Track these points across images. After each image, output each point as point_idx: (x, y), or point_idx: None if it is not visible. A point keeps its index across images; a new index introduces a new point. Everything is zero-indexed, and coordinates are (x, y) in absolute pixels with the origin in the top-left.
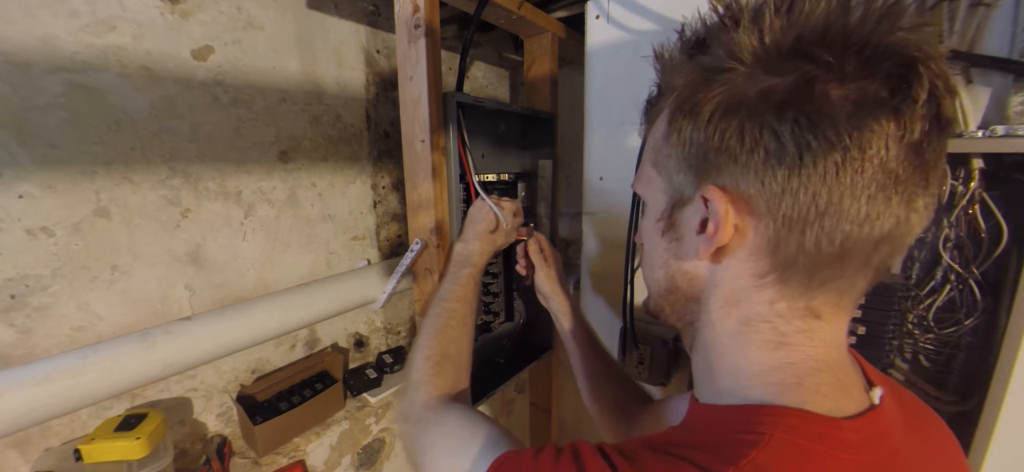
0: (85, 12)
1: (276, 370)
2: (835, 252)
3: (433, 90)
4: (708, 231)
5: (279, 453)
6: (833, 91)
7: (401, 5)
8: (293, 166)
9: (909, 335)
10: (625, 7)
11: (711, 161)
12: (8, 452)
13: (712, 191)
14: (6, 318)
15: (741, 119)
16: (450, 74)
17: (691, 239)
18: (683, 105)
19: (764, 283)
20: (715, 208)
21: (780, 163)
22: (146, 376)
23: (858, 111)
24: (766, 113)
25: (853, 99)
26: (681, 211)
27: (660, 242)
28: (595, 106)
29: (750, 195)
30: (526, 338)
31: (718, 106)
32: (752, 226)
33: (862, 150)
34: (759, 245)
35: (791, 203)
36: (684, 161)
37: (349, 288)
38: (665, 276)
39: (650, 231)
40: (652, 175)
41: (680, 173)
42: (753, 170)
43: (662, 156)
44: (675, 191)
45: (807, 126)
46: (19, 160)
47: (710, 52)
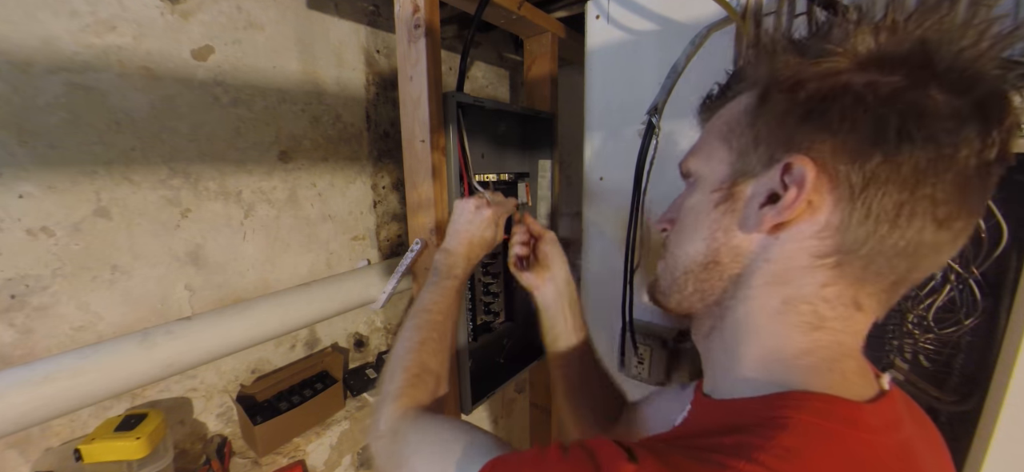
0: (85, 12)
1: (276, 370)
2: (901, 246)
3: (433, 90)
4: (784, 199)
5: (279, 453)
6: (937, 95)
7: (401, 5)
8: (293, 166)
9: (909, 335)
10: (625, 7)
11: (804, 133)
12: (8, 452)
13: (799, 158)
14: (6, 318)
15: (846, 101)
16: (450, 74)
17: (754, 211)
18: (783, 81)
19: (821, 265)
20: (801, 173)
21: (877, 146)
22: (146, 376)
23: (953, 119)
24: (873, 100)
25: (951, 108)
26: (745, 183)
27: (710, 213)
28: (595, 106)
29: (838, 171)
30: (526, 338)
31: (823, 85)
32: (829, 204)
33: (954, 151)
34: (830, 223)
35: (877, 188)
36: (771, 134)
37: (349, 288)
38: (707, 249)
39: (699, 202)
40: (717, 148)
41: (759, 146)
42: (849, 146)
43: (739, 129)
44: (743, 164)
45: (911, 118)
46: (19, 160)
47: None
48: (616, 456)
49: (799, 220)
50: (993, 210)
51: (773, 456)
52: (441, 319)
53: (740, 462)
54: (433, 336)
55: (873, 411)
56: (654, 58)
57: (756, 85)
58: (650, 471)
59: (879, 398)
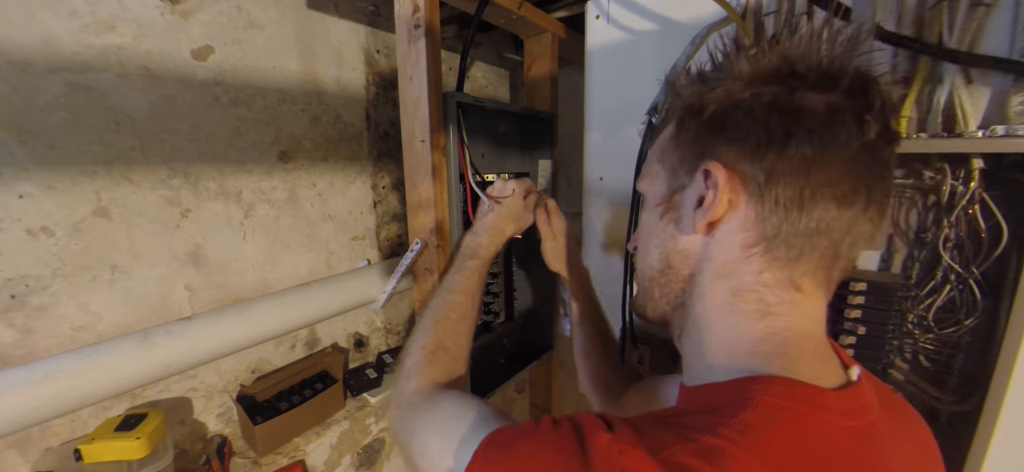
0: (85, 12)
1: (276, 370)
2: (812, 227)
3: (433, 90)
4: (706, 200)
5: (279, 453)
6: (809, 97)
7: (401, 5)
8: (293, 166)
9: (909, 335)
10: (625, 7)
11: (712, 145)
12: (8, 452)
13: (712, 164)
14: (6, 318)
15: (738, 114)
16: (450, 74)
17: (688, 216)
18: (691, 108)
19: (752, 253)
20: (714, 178)
21: (769, 145)
22: (146, 376)
23: (829, 112)
24: (758, 108)
25: (824, 103)
26: (681, 194)
27: (658, 225)
28: (595, 106)
29: (744, 171)
30: (526, 338)
31: (720, 104)
32: (744, 200)
33: (834, 138)
34: (749, 217)
35: (777, 180)
36: (689, 151)
37: (349, 288)
38: (660, 256)
39: (649, 218)
40: (657, 169)
41: (684, 163)
42: (747, 151)
43: (668, 151)
44: (675, 178)
45: (791, 118)
46: (19, 160)
47: (716, 72)
48: (596, 426)
49: (726, 218)
50: (993, 210)
51: (734, 430)
52: (461, 299)
53: (704, 435)
54: (451, 316)
55: (836, 396)
56: (654, 58)
57: (675, 114)
58: (625, 439)
59: (845, 386)
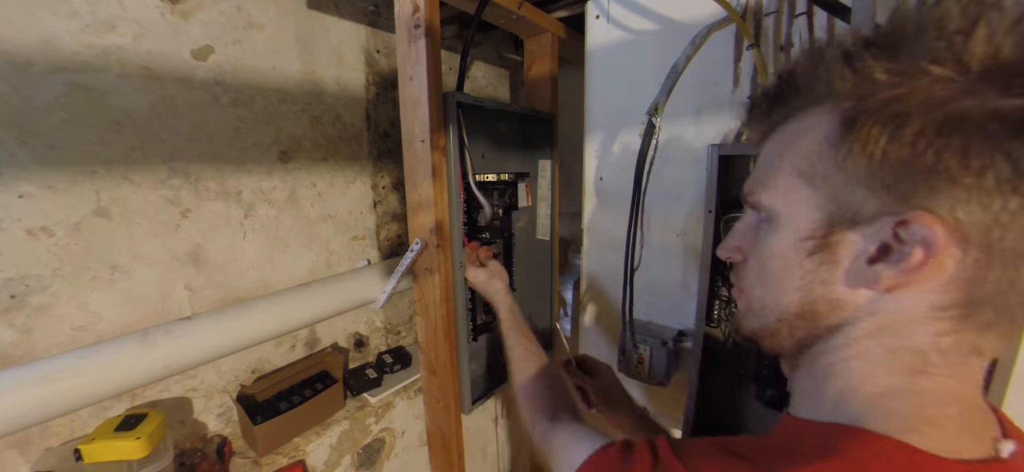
0: (85, 12)
1: (276, 370)
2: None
3: (433, 90)
4: (911, 260)
5: (279, 453)
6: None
7: (401, 5)
8: (293, 166)
9: None
10: (625, 7)
11: (920, 181)
12: (8, 452)
13: (923, 216)
14: (6, 318)
15: (966, 138)
16: (450, 74)
17: (858, 266)
18: (876, 111)
19: (942, 316)
20: (925, 235)
21: (1015, 190)
22: (146, 376)
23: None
24: (1000, 134)
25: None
26: (845, 232)
27: (803, 263)
28: (595, 106)
29: (965, 223)
30: None
31: (934, 120)
32: (957, 256)
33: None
34: (955, 277)
35: (1016, 235)
36: (872, 177)
37: (349, 288)
38: (802, 300)
39: (782, 251)
40: (795, 185)
41: (859, 190)
42: (977, 196)
43: (823, 167)
44: (841, 209)
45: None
46: (19, 160)
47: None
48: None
49: (922, 276)
50: None
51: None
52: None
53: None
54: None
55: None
56: (654, 58)
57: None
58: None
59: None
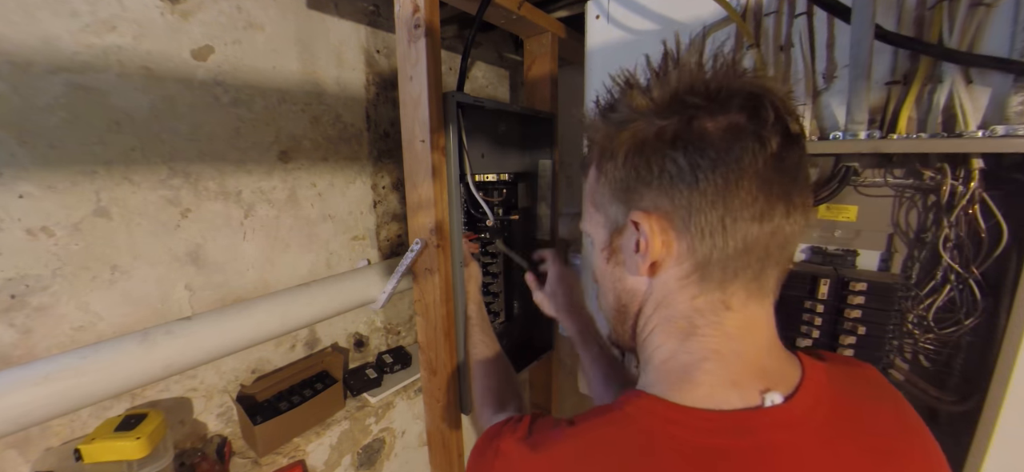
0: (85, 12)
1: (276, 370)
2: (739, 247)
3: (433, 90)
4: (640, 248)
5: (279, 453)
6: (707, 124)
7: (401, 5)
8: (293, 166)
9: (909, 335)
10: (625, 7)
11: (632, 190)
12: (8, 452)
13: (638, 215)
14: (6, 318)
15: (647, 154)
16: (450, 74)
17: (631, 259)
18: (605, 151)
19: (687, 282)
20: (643, 228)
21: (682, 182)
22: (146, 376)
23: (728, 135)
24: (664, 146)
25: (722, 127)
26: (619, 238)
27: (607, 268)
28: None
29: (667, 212)
30: (526, 338)
31: (630, 147)
32: (675, 237)
33: (738, 162)
34: (682, 251)
35: (698, 213)
36: (613, 195)
37: (349, 288)
38: (614, 297)
39: (598, 261)
40: (592, 213)
41: (612, 205)
42: (664, 191)
43: (597, 195)
44: (611, 222)
45: (695, 151)
46: (19, 160)
47: (617, 111)
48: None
49: (665, 258)
50: (993, 210)
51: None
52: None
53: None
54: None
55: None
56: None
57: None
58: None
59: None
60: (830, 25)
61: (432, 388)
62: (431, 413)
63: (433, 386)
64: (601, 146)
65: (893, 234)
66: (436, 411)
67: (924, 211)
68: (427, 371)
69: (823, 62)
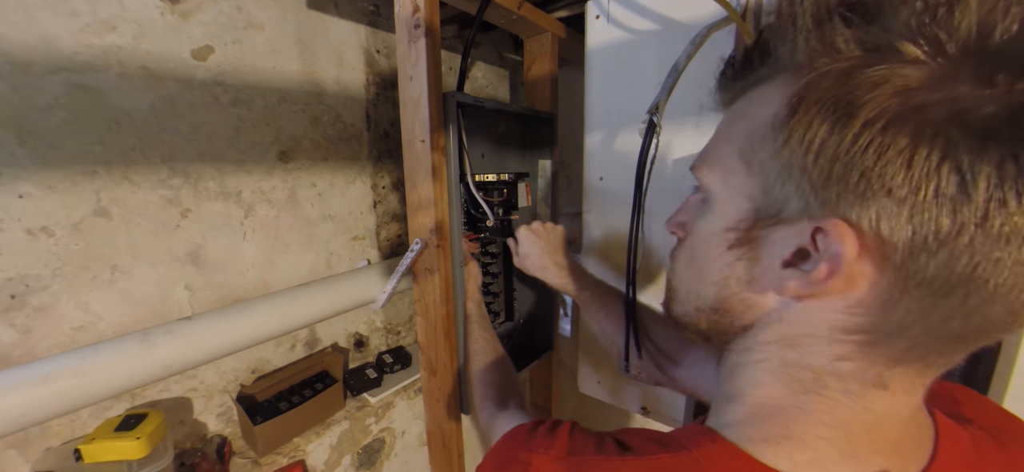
0: (85, 12)
1: (276, 370)
2: (961, 333)
3: (433, 90)
4: (816, 273)
5: (279, 453)
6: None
7: (401, 5)
8: (293, 166)
9: None
10: (625, 7)
11: (849, 184)
12: (8, 452)
13: (838, 226)
14: (6, 318)
15: (915, 138)
16: (450, 74)
17: (774, 268)
18: (824, 96)
19: (843, 339)
20: (835, 248)
21: (954, 211)
22: (146, 376)
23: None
24: (959, 139)
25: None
26: (769, 229)
27: (723, 255)
28: (595, 106)
29: (888, 240)
30: (526, 338)
31: (887, 113)
32: (871, 279)
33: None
34: (869, 301)
35: (943, 263)
36: (803, 170)
37: (349, 288)
38: (717, 296)
39: (708, 236)
40: (735, 167)
41: (789, 182)
42: (909, 210)
43: (763, 151)
44: (770, 202)
45: (1015, 174)
46: (19, 160)
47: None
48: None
49: (832, 290)
50: None
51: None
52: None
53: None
54: None
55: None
56: (654, 58)
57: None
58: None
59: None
60: None
61: (432, 388)
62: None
63: (433, 386)
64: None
65: None
66: (436, 411)
67: None
68: (427, 371)
69: None
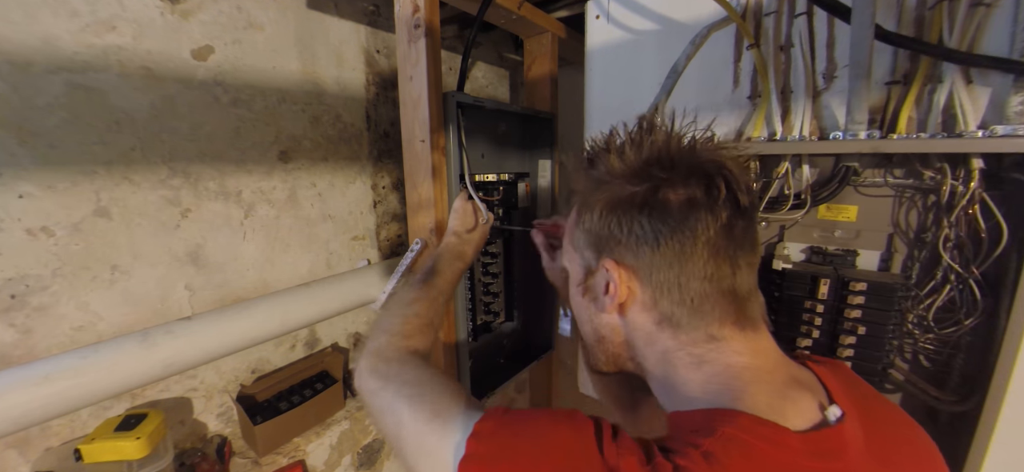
0: (85, 12)
1: (276, 370)
2: (696, 301)
3: (433, 90)
4: (609, 291)
5: (279, 453)
6: (671, 195)
7: (401, 5)
8: (293, 166)
9: (909, 335)
10: (625, 7)
11: (605, 241)
12: (8, 452)
13: (607, 262)
14: (6, 318)
15: (619, 214)
16: (450, 74)
17: (601, 298)
18: (585, 203)
19: (662, 328)
20: (611, 274)
21: (645, 243)
22: (146, 376)
23: (687, 207)
24: (633, 209)
25: (683, 199)
26: (592, 277)
27: (582, 302)
28: (595, 106)
29: (631, 265)
30: (526, 338)
31: (605, 205)
32: (639, 288)
33: (693, 232)
34: (646, 302)
35: (658, 272)
36: (588, 242)
37: (349, 288)
38: (591, 328)
39: (574, 295)
40: (570, 251)
41: (588, 250)
42: (631, 249)
43: (575, 238)
44: (586, 263)
45: (658, 218)
46: (19, 160)
47: (596, 167)
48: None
49: (630, 302)
50: (993, 210)
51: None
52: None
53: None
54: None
55: (799, 438)
56: (654, 58)
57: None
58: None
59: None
60: (830, 25)
61: None
62: None
63: None
64: (582, 196)
65: (893, 234)
66: None
67: (924, 211)
68: None
69: (823, 62)
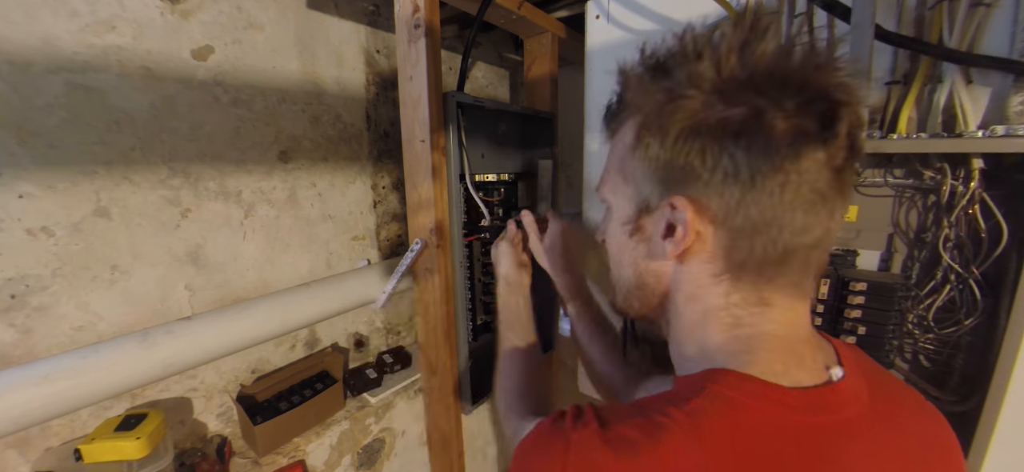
0: (85, 12)
1: (276, 370)
2: (778, 256)
3: (433, 90)
4: (676, 235)
5: (279, 453)
6: (778, 124)
7: (401, 5)
8: (293, 166)
9: (909, 335)
10: (625, 7)
11: (677, 176)
12: (8, 452)
13: (679, 200)
14: (6, 318)
15: (703, 142)
16: (450, 74)
17: (658, 241)
18: (650, 124)
19: (720, 280)
20: (681, 215)
21: (736, 181)
22: (146, 376)
23: (796, 141)
24: (725, 139)
25: (793, 131)
26: (648, 216)
27: (628, 243)
28: (595, 106)
29: (710, 206)
30: None
31: (682, 130)
32: (711, 233)
33: (800, 174)
34: (715, 250)
35: (743, 215)
36: (652, 174)
37: (349, 288)
38: (634, 274)
39: (616, 233)
40: (619, 182)
41: (648, 183)
42: (714, 186)
43: (630, 166)
44: (642, 199)
45: (758, 153)
46: (19, 160)
47: (671, 76)
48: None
49: (695, 249)
50: (993, 210)
51: (682, 412)
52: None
53: (656, 415)
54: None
55: (795, 394)
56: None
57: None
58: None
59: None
60: (830, 25)
61: (432, 388)
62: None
63: (433, 386)
64: (646, 113)
65: (893, 234)
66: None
67: (924, 211)
68: (427, 371)
69: None
